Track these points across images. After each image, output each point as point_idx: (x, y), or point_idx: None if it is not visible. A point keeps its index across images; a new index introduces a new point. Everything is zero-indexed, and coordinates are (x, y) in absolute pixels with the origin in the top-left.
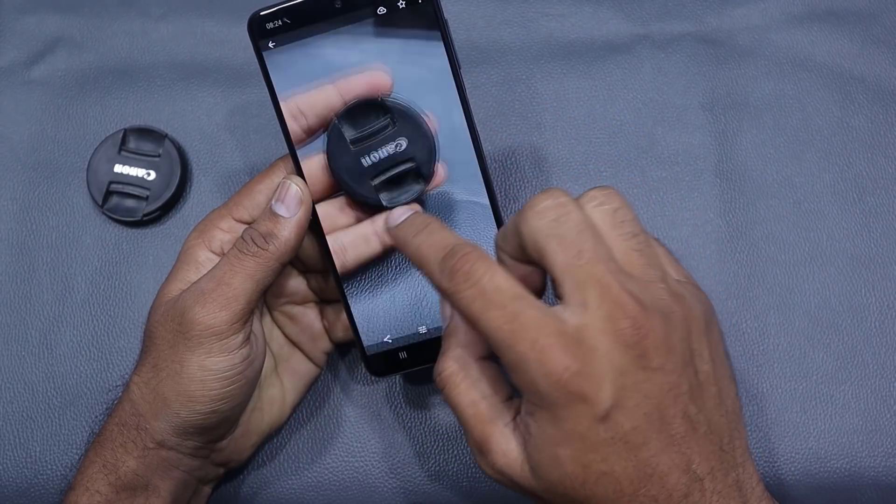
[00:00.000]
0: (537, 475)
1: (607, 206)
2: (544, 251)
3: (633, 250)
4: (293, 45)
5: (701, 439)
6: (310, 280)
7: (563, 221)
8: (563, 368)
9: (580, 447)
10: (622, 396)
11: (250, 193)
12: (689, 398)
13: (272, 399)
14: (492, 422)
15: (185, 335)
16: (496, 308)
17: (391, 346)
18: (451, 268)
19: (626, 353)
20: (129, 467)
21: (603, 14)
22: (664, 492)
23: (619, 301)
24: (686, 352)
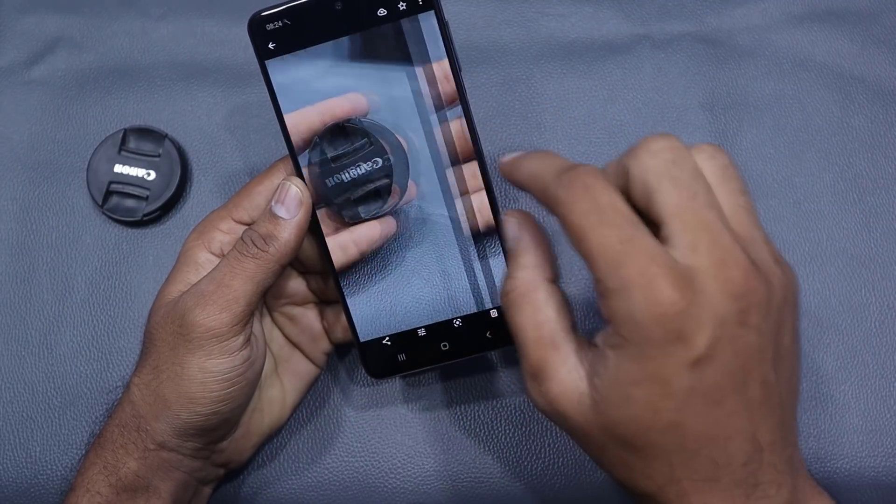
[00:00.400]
0: (599, 411)
1: (718, 161)
2: (656, 190)
3: (740, 207)
4: (293, 45)
5: (770, 411)
6: (309, 281)
7: (678, 164)
8: (671, 302)
9: (658, 391)
10: (716, 347)
11: (250, 195)
12: (770, 366)
13: (272, 400)
14: (553, 347)
15: (185, 337)
16: (610, 226)
17: (389, 347)
18: (571, 178)
19: (731, 304)
20: (130, 468)
21: (603, 14)
22: (725, 456)
23: (730, 250)
24: (778, 319)
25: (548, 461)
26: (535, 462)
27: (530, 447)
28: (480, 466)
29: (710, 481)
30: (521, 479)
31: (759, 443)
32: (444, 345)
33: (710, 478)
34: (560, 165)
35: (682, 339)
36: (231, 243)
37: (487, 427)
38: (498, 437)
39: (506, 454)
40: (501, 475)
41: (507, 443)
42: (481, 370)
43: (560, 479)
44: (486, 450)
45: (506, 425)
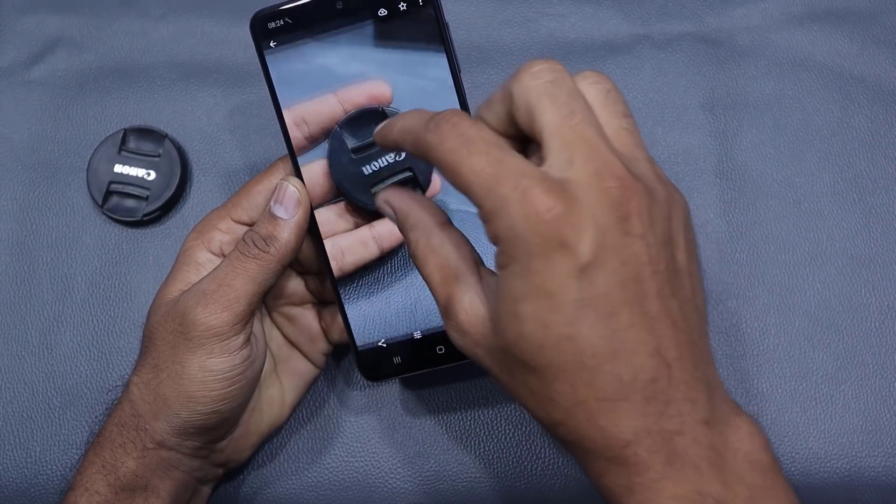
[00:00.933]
0: (496, 332)
1: (600, 86)
2: (535, 109)
3: (623, 128)
4: (295, 44)
5: (673, 325)
6: (308, 281)
7: (558, 83)
8: (547, 209)
9: (546, 304)
10: (601, 256)
11: (249, 194)
12: (664, 279)
13: (271, 399)
14: (456, 280)
15: (186, 336)
16: (479, 153)
17: (385, 350)
18: (438, 121)
19: (611, 213)
20: (129, 468)
21: (603, 14)
22: (629, 371)
23: (607, 161)
24: (666, 232)
25: (548, 461)
26: (535, 462)
27: (530, 447)
28: (480, 467)
29: (617, 400)
30: (521, 479)
31: (665, 358)
32: (440, 348)
33: (616, 396)
34: (428, 115)
35: (563, 245)
36: (230, 243)
37: (487, 428)
38: (498, 437)
39: (506, 454)
40: (501, 475)
41: (507, 443)
42: (479, 372)
43: (560, 479)
44: (486, 450)
45: (506, 425)
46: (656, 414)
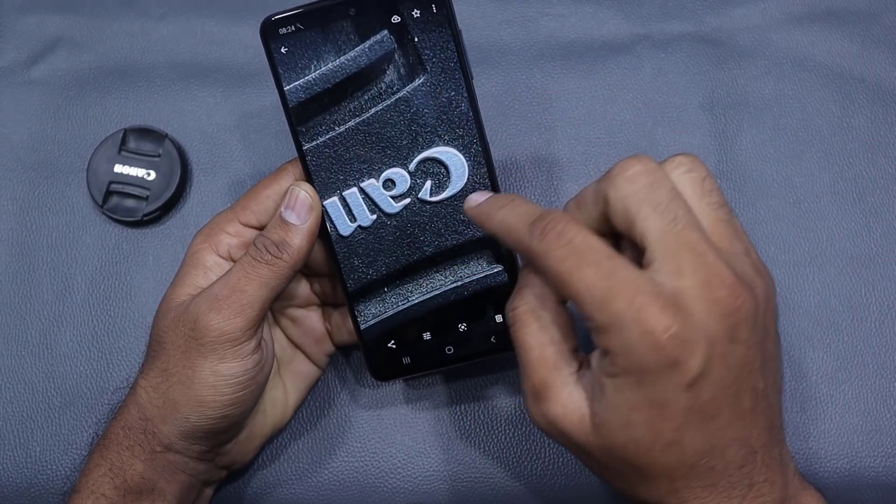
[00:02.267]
0: (600, 434)
1: (695, 174)
2: (636, 217)
3: (720, 220)
4: (306, 49)
5: (761, 415)
6: (313, 283)
7: (656, 187)
8: (664, 329)
9: (658, 414)
10: (709, 365)
11: (258, 198)
12: (759, 374)
13: (275, 401)
14: (557, 369)
15: (198, 341)
16: (590, 265)
17: (395, 350)
18: (543, 228)
19: (721, 323)
20: (136, 471)
21: (603, 14)
22: (722, 462)
23: (715, 269)
24: (762, 328)
25: (548, 461)
26: (535, 462)
27: (530, 447)
28: (480, 466)
29: (708, 487)
30: (521, 479)
31: (753, 446)
32: (449, 349)
33: (707, 485)
34: (530, 215)
35: (677, 363)
36: (238, 246)
37: (487, 427)
38: (498, 437)
39: (506, 454)
40: (501, 475)
41: (507, 443)
42: (482, 371)
43: (560, 479)
44: (487, 450)
45: (506, 425)
46: (739, 497)
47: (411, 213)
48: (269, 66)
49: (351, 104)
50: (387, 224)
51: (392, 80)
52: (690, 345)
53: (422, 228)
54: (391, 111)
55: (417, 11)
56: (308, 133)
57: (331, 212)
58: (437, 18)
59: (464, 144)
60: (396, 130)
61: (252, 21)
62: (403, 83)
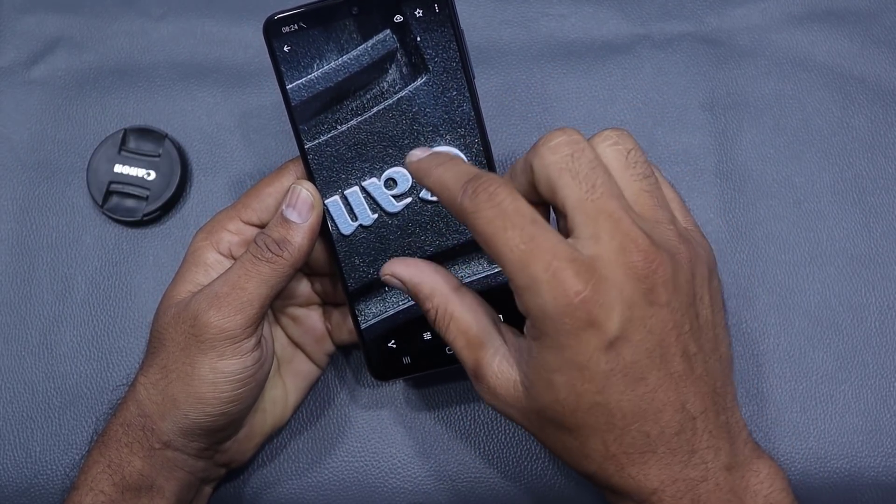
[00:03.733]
0: (529, 396)
1: (620, 147)
2: (557, 185)
3: (643, 191)
4: (308, 48)
5: (697, 380)
6: (314, 283)
7: (577, 157)
8: (575, 293)
9: (577, 376)
10: (628, 329)
11: (259, 196)
12: (689, 338)
13: (274, 400)
14: (481, 346)
15: (198, 338)
16: (515, 228)
17: (395, 350)
18: (476, 188)
19: (637, 286)
20: (135, 468)
21: (603, 14)
22: (657, 428)
23: (630, 235)
24: (690, 293)
25: (548, 461)
26: (535, 462)
27: (530, 447)
28: (480, 466)
29: (645, 453)
30: (520, 479)
31: (690, 412)
32: (449, 349)
33: (644, 450)
34: (466, 174)
35: (592, 325)
36: (239, 244)
37: (487, 427)
38: (498, 437)
39: (506, 454)
40: (501, 475)
41: (507, 443)
42: None
43: (560, 478)
44: (486, 450)
45: (506, 425)
46: (681, 463)
47: (413, 213)
48: (271, 65)
49: (353, 103)
50: (388, 223)
51: (394, 79)
52: (606, 307)
53: (423, 228)
54: (393, 110)
55: (420, 11)
56: (310, 131)
57: (332, 210)
58: (439, 18)
59: (465, 144)
60: (398, 129)
61: (252, 21)
62: (405, 82)
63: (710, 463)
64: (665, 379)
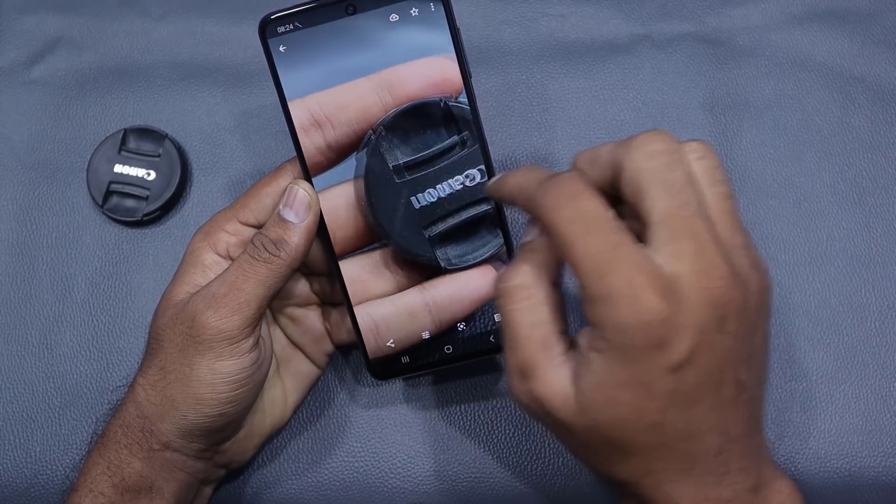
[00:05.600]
0: (585, 411)
1: (707, 162)
2: (647, 193)
3: (726, 211)
4: (304, 48)
5: (742, 406)
6: (313, 283)
7: (672, 169)
8: (655, 311)
9: (642, 394)
10: (696, 352)
11: (256, 196)
12: (744, 366)
13: (274, 400)
14: (545, 348)
15: (195, 339)
16: (595, 234)
17: (394, 350)
18: (555, 185)
19: (712, 313)
20: (134, 469)
21: (603, 14)
22: (700, 448)
23: (713, 260)
24: (753, 322)
25: (548, 461)
26: (535, 462)
27: (530, 447)
28: (480, 466)
29: (684, 472)
30: (521, 479)
31: (731, 435)
32: (448, 348)
33: (684, 469)
34: (545, 174)
35: (664, 345)
36: (237, 245)
37: (488, 427)
38: (498, 437)
39: (506, 454)
40: (501, 475)
41: (507, 443)
42: (482, 371)
43: (560, 479)
44: (487, 450)
45: (506, 425)
46: (714, 484)
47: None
48: (267, 65)
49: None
50: None
51: None
52: (679, 329)
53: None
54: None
55: (416, 10)
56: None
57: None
58: (435, 17)
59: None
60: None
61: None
62: None
63: (739, 484)
64: (717, 403)
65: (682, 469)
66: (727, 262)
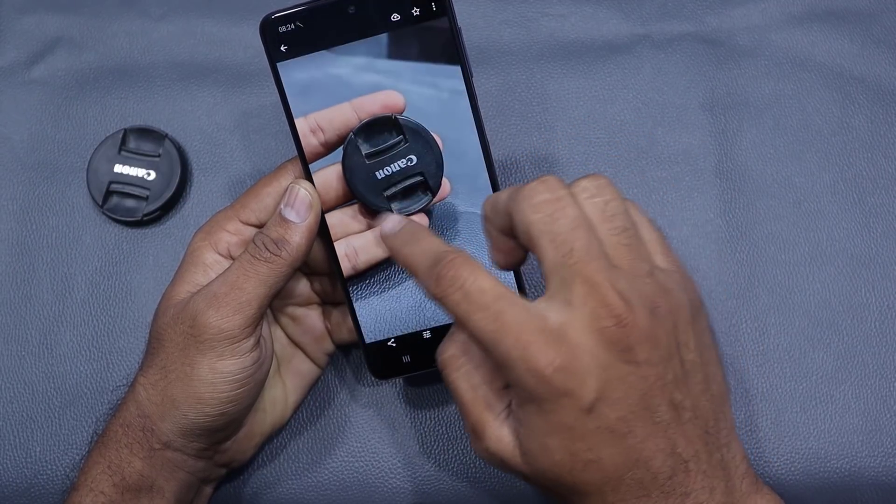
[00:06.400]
0: (528, 461)
1: (598, 199)
2: (535, 245)
3: (622, 245)
4: (305, 48)
5: (686, 425)
6: (313, 282)
7: (556, 217)
8: (546, 364)
9: (567, 437)
10: (606, 389)
11: (258, 196)
12: (674, 387)
13: (274, 400)
14: (487, 408)
15: (196, 338)
16: (480, 309)
17: (394, 349)
18: (438, 273)
19: (610, 350)
20: (135, 468)
21: (603, 14)
22: (649, 475)
23: (604, 300)
24: (672, 343)
25: None
26: None
27: None
28: (481, 467)
29: (640, 498)
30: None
31: (681, 456)
32: None
33: (640, 495)
34: (431, 254)
35: (569, 392)
36: (238, 244)
37: None
38: None
39: None
40: (501, 475)
41: None
42: None
43: None
44: None
45: None
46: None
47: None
48: (268, 65)
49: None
50: None
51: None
52: (579, 374)
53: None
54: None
55: (417, 9)
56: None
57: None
58: (436, 16)
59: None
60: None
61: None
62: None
63: (705, 502)
64: (652, 428)
65: (639, 497)
66: (622, 297)
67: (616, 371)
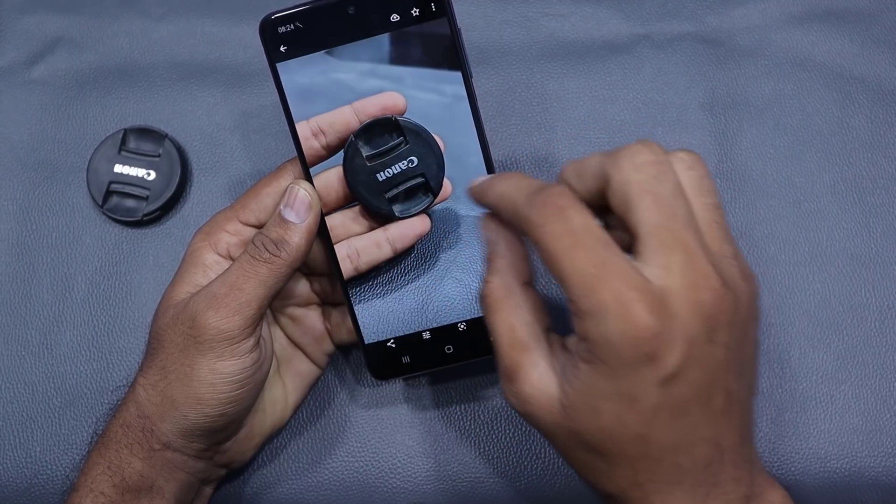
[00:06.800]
0: (568, 416)
1: (695, 172)
2: (636, 206)
3: (714, 222)
4: (305, 48)
5: (733, 416)
6: (313, 283)
7: (661, 180)
8: (645, 326)
9: (627, 406)
10: (685, 366)
11: (257, 196)
12: (734, 376)
13: (274, 400)
14: (526, 350)
15: (196, 339)
16: (584, 249)
17: (394, 349)
18: (542, 200)
19: (702, 325)
20: (135, 469)
21: (603, 14)
22: (689, 461)
23: (703, 272)
24: (744, 332)
25: (548, 461)
26: (535, 462)
27: (530, 447)
28: (480, 466)
29: (672, 484)
30: (521, 479)
31: (722, 446)
32: (448, 348)
33: (673, 481)
34: (531, 186)
35: (653, 359)
36: (238, 245)
37: (487, 427)
38: (498, 437)
39: (506, 454)
40: (501, 475)
41: (507, 443)
42: (482, 371)
43: (560, 479)
44: (486, 450)
45: (506, 425)
46: (704, 495)
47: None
48: (268, 65)
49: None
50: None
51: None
52: (669, 343)
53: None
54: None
55: (416, 10)
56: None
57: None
58: (436, 17)
59: (464, 144)
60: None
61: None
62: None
63: (730, 494)
64: (706, 415)
65: (671, 481)
66: (717, 272)
67: (698, 350)
